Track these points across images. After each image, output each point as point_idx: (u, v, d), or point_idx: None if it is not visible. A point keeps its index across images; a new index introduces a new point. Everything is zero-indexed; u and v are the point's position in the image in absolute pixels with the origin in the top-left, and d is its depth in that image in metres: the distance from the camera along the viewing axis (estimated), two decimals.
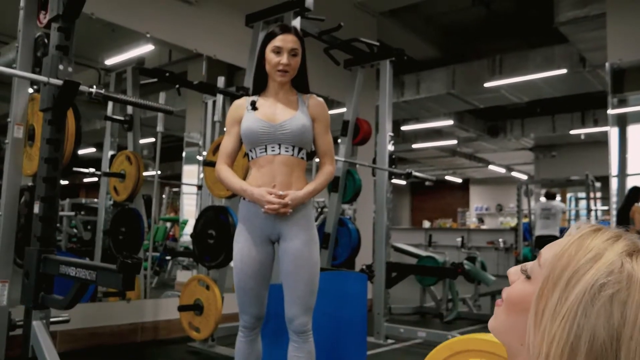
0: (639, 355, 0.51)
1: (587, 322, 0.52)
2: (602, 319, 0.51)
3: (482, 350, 1.59)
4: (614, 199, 4.82)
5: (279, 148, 1.96)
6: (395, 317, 5.21)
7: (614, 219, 5.01)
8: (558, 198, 8.65)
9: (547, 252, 0.61)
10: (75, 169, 3.91)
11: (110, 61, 4.61)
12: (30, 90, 2.69)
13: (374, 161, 4.43)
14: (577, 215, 10.23)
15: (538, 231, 8.05)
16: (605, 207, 10.02)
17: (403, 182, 17.82)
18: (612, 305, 0.52)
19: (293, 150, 1.98)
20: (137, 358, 3.55)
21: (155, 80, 4.10)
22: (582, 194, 9.88)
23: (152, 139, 4.52)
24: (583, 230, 0.59)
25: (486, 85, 7.55)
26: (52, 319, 2.33)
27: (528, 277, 0.63)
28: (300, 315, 1.96)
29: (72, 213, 6.56)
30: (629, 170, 4.90)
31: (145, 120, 4.62)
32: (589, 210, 9.16)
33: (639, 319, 0.51)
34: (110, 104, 4.34)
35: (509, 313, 0.64)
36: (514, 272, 0.66)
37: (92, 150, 7.07)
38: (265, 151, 1.97)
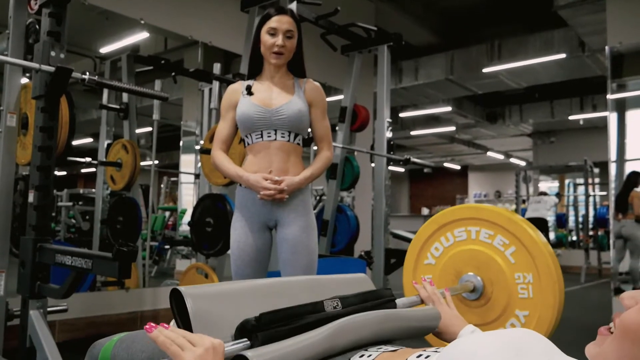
0: None
1: None
2: None
3: (467, 217, 1.61)
4: (612, 184, 4.81)
5: (275, 134, 1.93)
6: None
7: (612, 205, 5.02)
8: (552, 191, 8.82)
9: None
10: (70, 158, 3.89)
11: (105, 49, 4.56)
12: (25, 80, 2.65)
13: (372, 148, 4.40)
14: (576, 201, 10.23)
15: (528, 214, 8.46)
16: (604, 193, 10.02)
17: (401, 170, 17.81)
18: None
19: (289, 135, 1.94)
20: None
21: (151, 68, 4.05)
22: (581, 180, 9.87)
23: (150, 129, 4.50)
24: None
25: (485, 70, 7.50)
26: (49, 309, 2.31)
27: None
28: None
29: (70, 203, 6.55)
30: (628, 156, 4.88)
31: (142, 109, 4.59)
32: (587, 196, 9.16)
33: None
34: (105, 93, 4.30)
35: (623, 341, 0.56)
36: (629, 296, 0.58)
37: (90, 140, 7.05)
38: (261, 137, 1.93)
